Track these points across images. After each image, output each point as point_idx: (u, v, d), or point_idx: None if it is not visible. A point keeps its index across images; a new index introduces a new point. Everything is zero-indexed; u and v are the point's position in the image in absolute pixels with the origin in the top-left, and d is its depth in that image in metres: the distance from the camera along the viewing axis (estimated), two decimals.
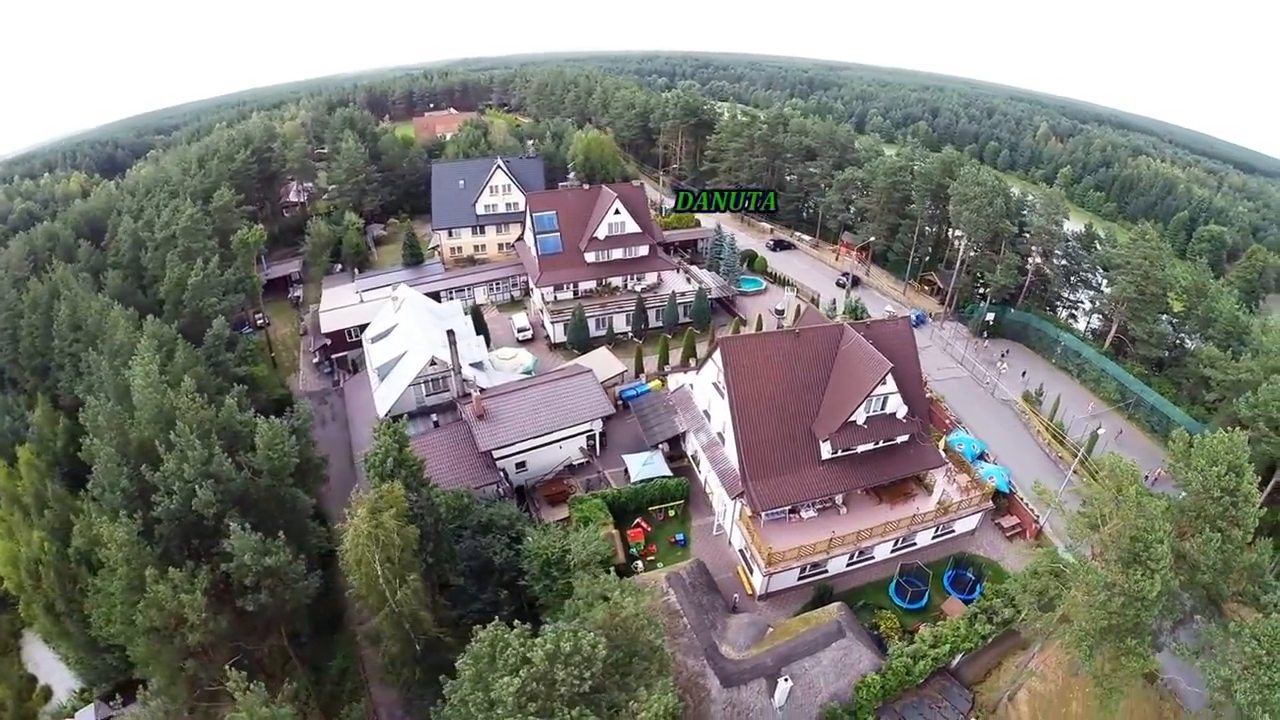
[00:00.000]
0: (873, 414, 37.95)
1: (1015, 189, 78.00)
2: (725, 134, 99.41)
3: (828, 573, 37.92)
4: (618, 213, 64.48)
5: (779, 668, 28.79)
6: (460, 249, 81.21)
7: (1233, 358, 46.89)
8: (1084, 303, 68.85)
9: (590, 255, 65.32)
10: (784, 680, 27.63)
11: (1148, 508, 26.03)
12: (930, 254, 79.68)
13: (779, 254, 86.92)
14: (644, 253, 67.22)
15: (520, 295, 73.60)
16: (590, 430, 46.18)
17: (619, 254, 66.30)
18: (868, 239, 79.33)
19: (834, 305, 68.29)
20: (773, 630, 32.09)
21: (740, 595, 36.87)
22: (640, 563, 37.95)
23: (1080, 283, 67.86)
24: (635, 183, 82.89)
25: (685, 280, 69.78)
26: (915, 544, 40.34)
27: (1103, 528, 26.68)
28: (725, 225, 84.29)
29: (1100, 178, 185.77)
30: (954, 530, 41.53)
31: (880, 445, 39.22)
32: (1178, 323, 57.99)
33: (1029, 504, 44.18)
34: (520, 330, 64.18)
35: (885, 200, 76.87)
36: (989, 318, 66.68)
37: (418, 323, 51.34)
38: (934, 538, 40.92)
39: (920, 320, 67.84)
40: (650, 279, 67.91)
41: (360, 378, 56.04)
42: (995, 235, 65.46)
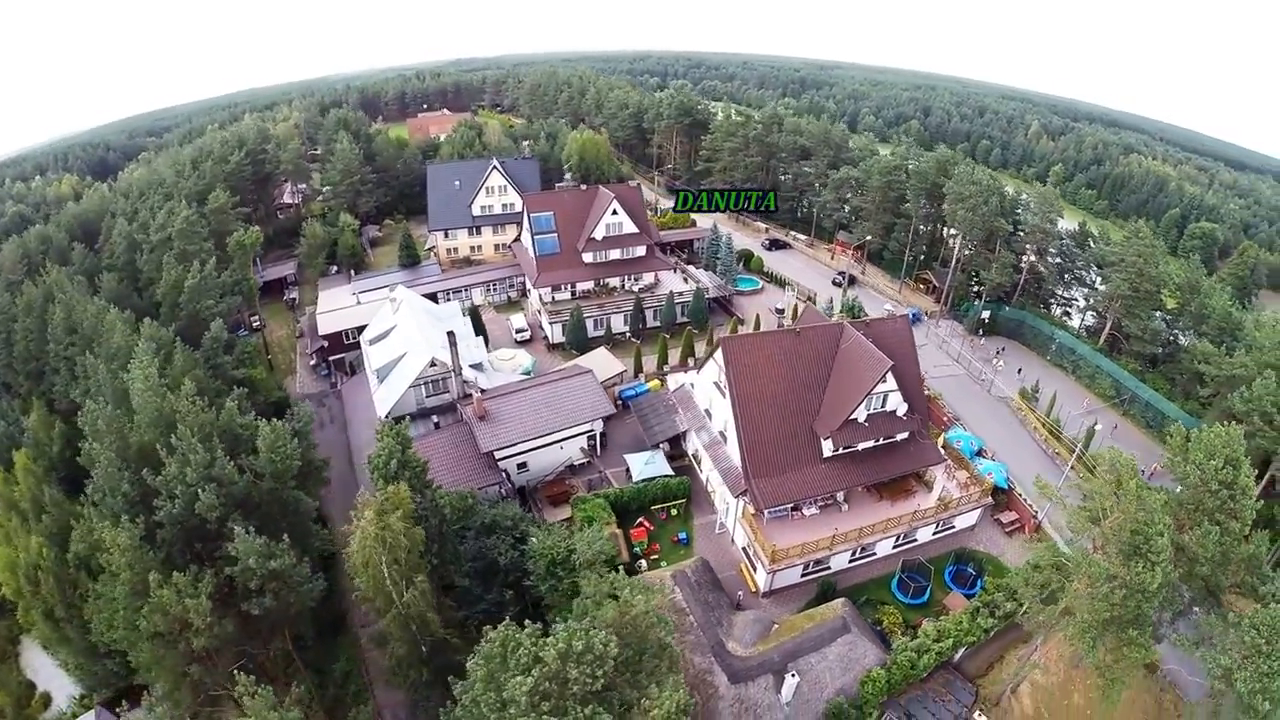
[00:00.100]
0: (873, 411, 38.22)
1: (1009, 187, 78.66)
2: (720, 134, 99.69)
3: (830, 569, 38.14)
4: (615, 213, 64.55)
5: (786, 663, 28.98)
6: (456, 250, 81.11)
7: (1226, 353, 47.46)
8: (1078, 300, 69.52)
9: (588, 256, 65.37)
10: (791, 676, 27.81)
11: (1147, 501, 26.37)
12: (925, 252, 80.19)
13: (774, 253, 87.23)
14: (641, 253, 67.34)
15: (517, 296, 73.56)
16: (591, 430, 46.24)
17: (616, 254, 66.39)
18: (863, 238, 79.75)
19: (831, 304, 68.61)
20: (778, 627, 32.27)
21: (744, 592, 37.03)
22: (644, 562, 38.03)
23: (1074, 280, 68.57)
24: (632, 183, 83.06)
25: (683, 280, 69.94)
26: (916, 540, 40.64)
27: (1104, 521, 27.01)
28: (721, 225, 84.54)
29: (1092, 175, 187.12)
30: (954, 526, 41.84)
31: (881, 442, 39.48)
32: (1171, 319, 58.66)
33: (1027, 499, 44.59)
34: (518, 331, 64.13)
35: (880, 199, 77.34)
36: (984, 315, 67.19)
37: (416, 324, 51.23)
38: (934, 534, 41.22)
39: (916, 318, 68.23)
40: (648, 279, 68.04)
41: (358, 380, 55.90)
42: (990, 234, 66.00)
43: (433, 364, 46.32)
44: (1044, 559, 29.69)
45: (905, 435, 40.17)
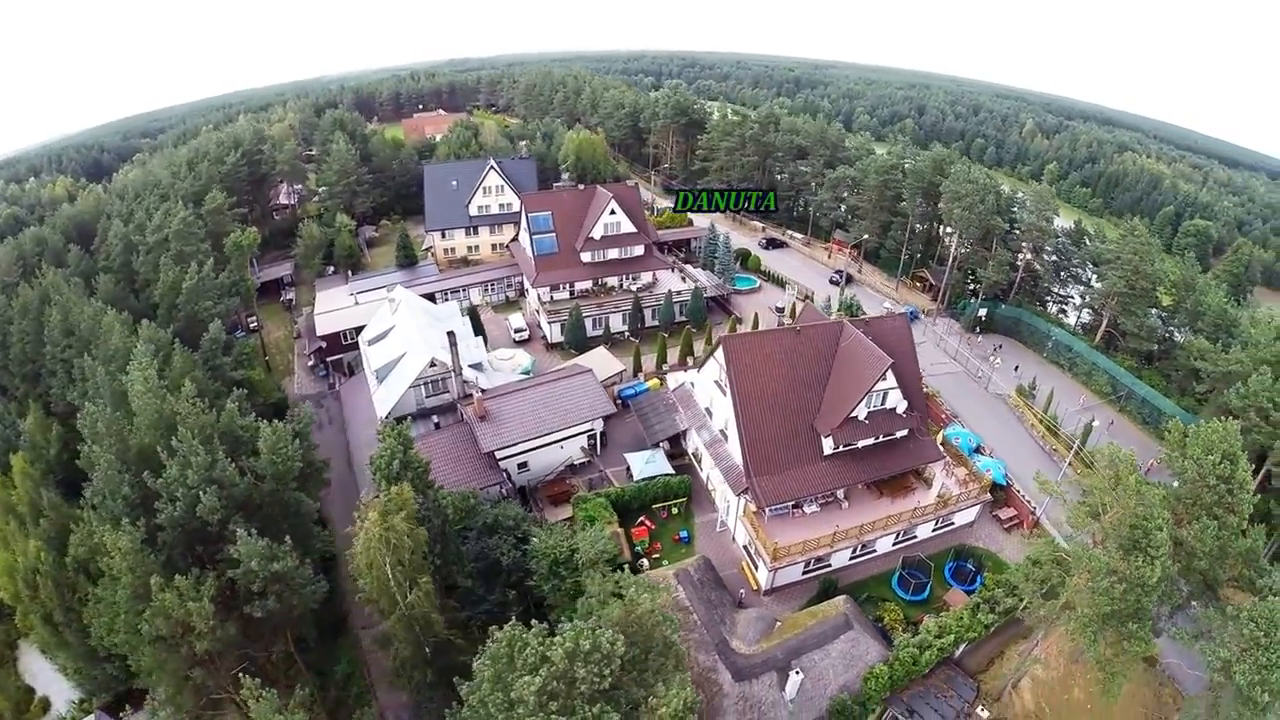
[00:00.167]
0: (874, 409, 38.38)
1: (1005, 186, 78.99)
2: (716, 133, 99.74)
3: (831, 567, 38.29)
4: (613, 213, 64.57)
5: (789, 661, 29.10)
6: (454, 250, 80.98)
7: (1222, 350, 47.83)
8: (1074, 298, 69.87)
9: (586, 255, 65.38)
10: (795, 673, 27.93)
11: (1147, 496, 26.60)
12: (922, 251, 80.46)
13: (771, 252, 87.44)
14: (639, 252, 67.38)
15: (515, 296, 73.50)
16: (592, 430, 46.28)
17: (615, 254, 66.42)
18: (860, 237, 79.98)
19: (828, 303, 68.81)
20: (781, 624, 32.40)
21: (746, 590, 37.15)
22: (646, 560, 38.10)
23: (1070, 278, 68.88)
24: (629, 182, 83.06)
25: (681, 279, 70.00)
26: (916, 537, 40.84)
27: (1104, 516, 27.23)
28: (718, 224, 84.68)
29: (1086, 174, 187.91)
30: (953, 523, 42.08)
31: (880, 440, 39.66)
32: (1167, 316, 59.05)
33: (1026, 496, 44.87)
34: (517, 331, 64.09)
35: (877, 198, 77.56)
36: (981, 313, 67.49)
37: (415, 324, 51.12)
38: (934, 530, 41.42)
39: (913, 316, 68.50)
40: (646, 278, 68.10)
41: (357, 380, 55.73)
42: (987, 232, 66.27)
43: (432, 364, 46.26)
44: (1043, 554, 29.92)
45: (905, 432, 40.36)
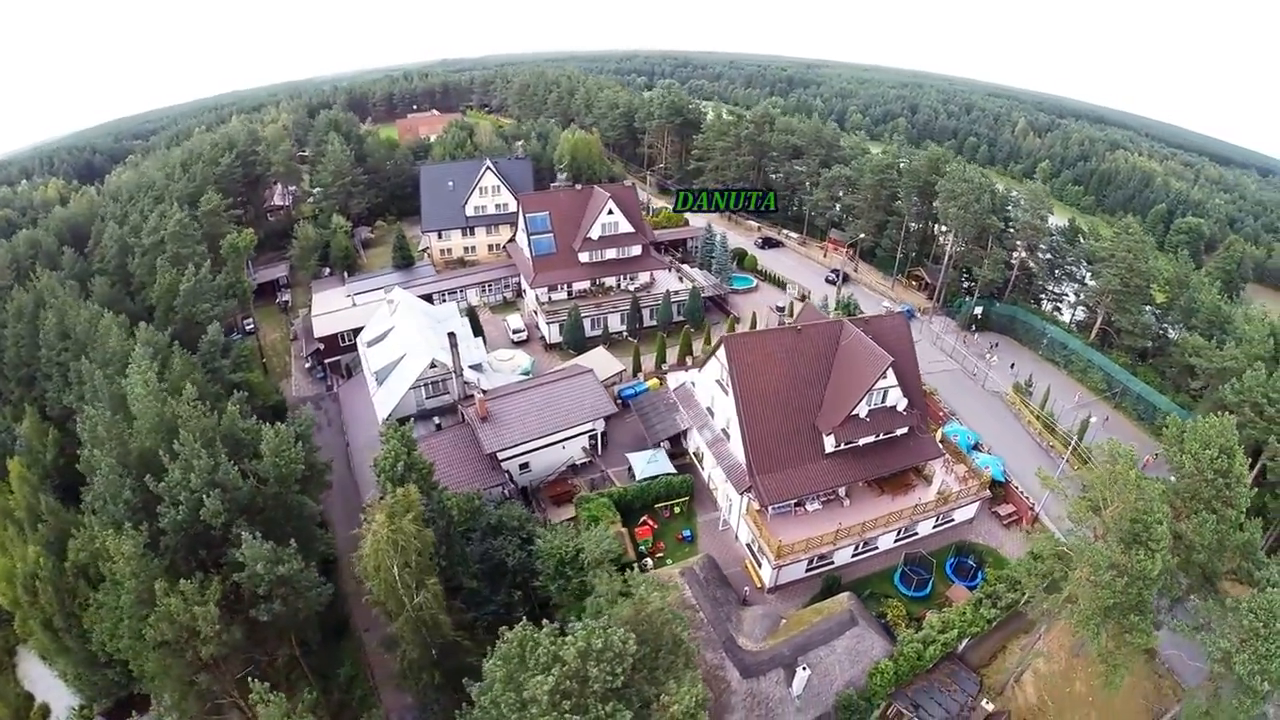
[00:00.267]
0: (874, 407, 38.61)
1: (999, 185, 79.53)
2: (712, 133, 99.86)
3: (834, 564, 38.52)
4: (611, 213, 64.64)
5: (796, 657, 29.27)
6: (450, 251, 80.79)
7: (1217, 347, 48.35)
8: (1068, 295, 70.38)
9: (584, 256, 65.41)
10: (802, 669, 28.10)
11: (1147, 490, 26.93)
12: (917, 250, 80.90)
13: (767, 251, 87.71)
14: (637, 252, 67.48)
15: (512, 296, 73.43)
16: (593, 430, 46.33)
17: (612, 254, 66.48)
18: (856, 236, 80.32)
19: (825, 301, 69.11)
20: (786, 621, 32.59)
21: (750, 588, 37.31)
22: (650, 560, 38.21)
23: (1064, 276, 69.39)
24: (627, 183, 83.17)
25: (678, 279, 70.12)
26: (917, 533, 41.13)
27: (1104, 510, 27.53)
28: (714, 224, 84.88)
29: (1078, 172, 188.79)
30: (953, 519, 42.39)
31: (881, 437, 39.91)
32: (1161, 313, 59.61)
33: (1024, 492, 45.29)
34: (515, 331, 64.03)
35: (873, 198, 77.89)
36: (977, 311, 67.94)
37: (415, 325, 51.03)
38: (934, 527, 41.73)
39: (910, 315, 68.89)
40: (643, 278, 68.18)
41: (356, 382, 55.55)
42: (982, 231, 66.72)
43: (433, 365, 46.18)
44: (1044, 549, 30.24)
45: (905, 430, 40.63)
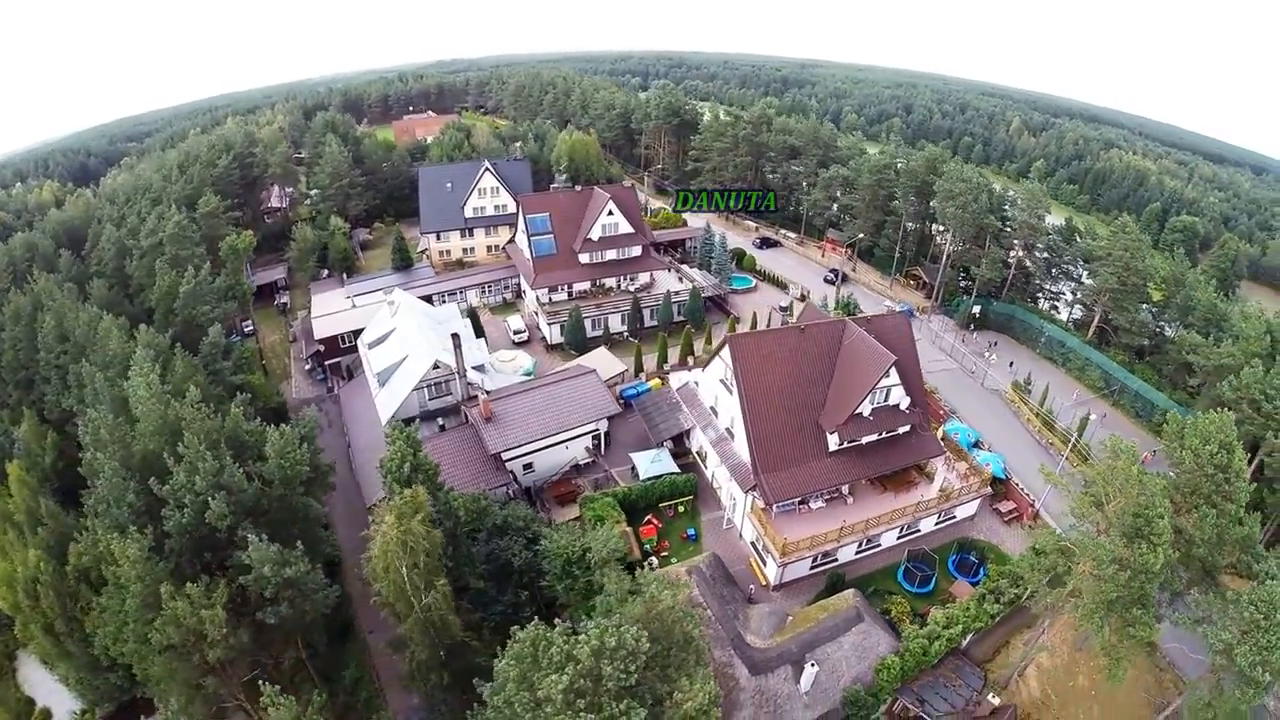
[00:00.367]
0: (877, 405, 38.83)
1: (996, 184, 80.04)
2: (709, 134, 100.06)
3: (838, 561, 38.73)
4: (611, 214, 64.72)
5: (803, 654, 29.44)
6: (449, 252, 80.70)
7: (1214, 344, 48.79)
8: (1065, 294, 70.87)
9: (584, 256, 65.47)
10: (810, 665, 28.26)
11: (1148, 485, 27.20)
12: (915, 249, 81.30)
13: (765, 251, 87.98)
14: (637, 253, 67.58)
15: (512, 297, 73.43)
16: (596, 430, 46.40)
17: (612, 255, 66.56)
18: (854, 236, 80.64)
19: (825, 301, 69.39)
20: (792, 618, 32.75)
21: (755, 586, 37.47)
22: (655, 559, 38.31)
23: (1061, 275, 69.84)
24: (626, 183, 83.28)
25: (678, 280, 70.25)
26: (919, 530, 41.38)
27: (1107, 505, 27.80)
28: (712, 224, 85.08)
29: (1073, 171, 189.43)
30: (955, 516, 42.68)
31: (884, 435, 40.13)
32: (1157, 311, 60.11)
33: (1024, 489, 45.62)
34: (516, 332, 64.04)
35: (871, 198, 78.22)
36: (976, 310, 68.34)
37: (416, 326, 50.97)
38: (936, 524, 42.01)
39: (909, 314, 69.23)
40: (643, 279, 68.28)
41: (357, 383, 55.44)
42: (980, 230, 67.13)
43: (436, 366, 46.16)
44: (1047, 544, 30.49)
45: (907, 428, 40.86)
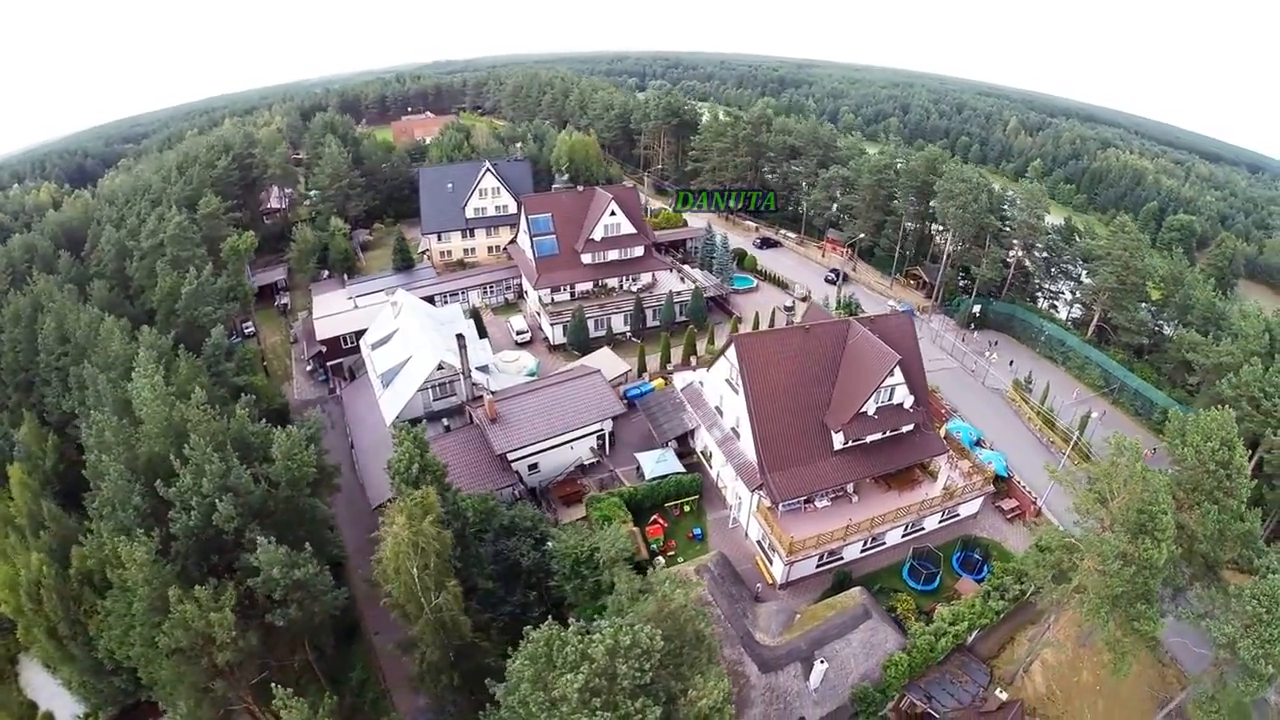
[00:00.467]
0: (882, 404, 39.01)
1: (995, 184, 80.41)
2: (709, 134, 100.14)
3: (844, 559, 38.91)
4: (613, 214, 64.79)
5: (812, 651, 29.61)
6: (450, 253, 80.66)
7: (1214, 342, 49.16)
8: (1064, 293, 71.23)
9: (586, 257, 65.52)
10: (820, 662, 28.40)
11: (1152, 482, 27.43)
12: (915, 249, 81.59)
13: (766, 251, 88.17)
14: (639, 253, 67.67)
15: (514, 298, 73.44)
16: (601, 430, 46.46)
17: (615, 255, 66.64)
18: (854, 236, 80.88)
19: (826, 301, 69.60)
20: (800, 616, 32.92)
21: (762, 585, 37.63)
22: (661, 558, 38.39)
23: (1060, 274, 70.19)
24: (627, 184, 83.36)
25: (679, 280, 70.36)
26: (924, 528, 41.58)
27: (1111, 502, 28.02)
28: (713, 224, 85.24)
29: (1070, 170, 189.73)
30: (959, 514, 42.91)
31: (888, 434, 40.32)
32: (1156, 310, 60.49)
33: (1026, 487, 45.90)
34: (519, 333, 64.07)
35: (871, 198, 78.45)
36: (976, 310, 68.64)
37: (420, 327, 50.92)
38: (940, 522, 42.24)
39: (910, 314, 69.46)
40: (646, 279, 68.38)
41: (359, 384, 55.35)
42: (980, 230, 67.45)
43: (440, 367, 46.15)
44: (1052, 540, 30.72)
45: (911, 427, 41.05)
